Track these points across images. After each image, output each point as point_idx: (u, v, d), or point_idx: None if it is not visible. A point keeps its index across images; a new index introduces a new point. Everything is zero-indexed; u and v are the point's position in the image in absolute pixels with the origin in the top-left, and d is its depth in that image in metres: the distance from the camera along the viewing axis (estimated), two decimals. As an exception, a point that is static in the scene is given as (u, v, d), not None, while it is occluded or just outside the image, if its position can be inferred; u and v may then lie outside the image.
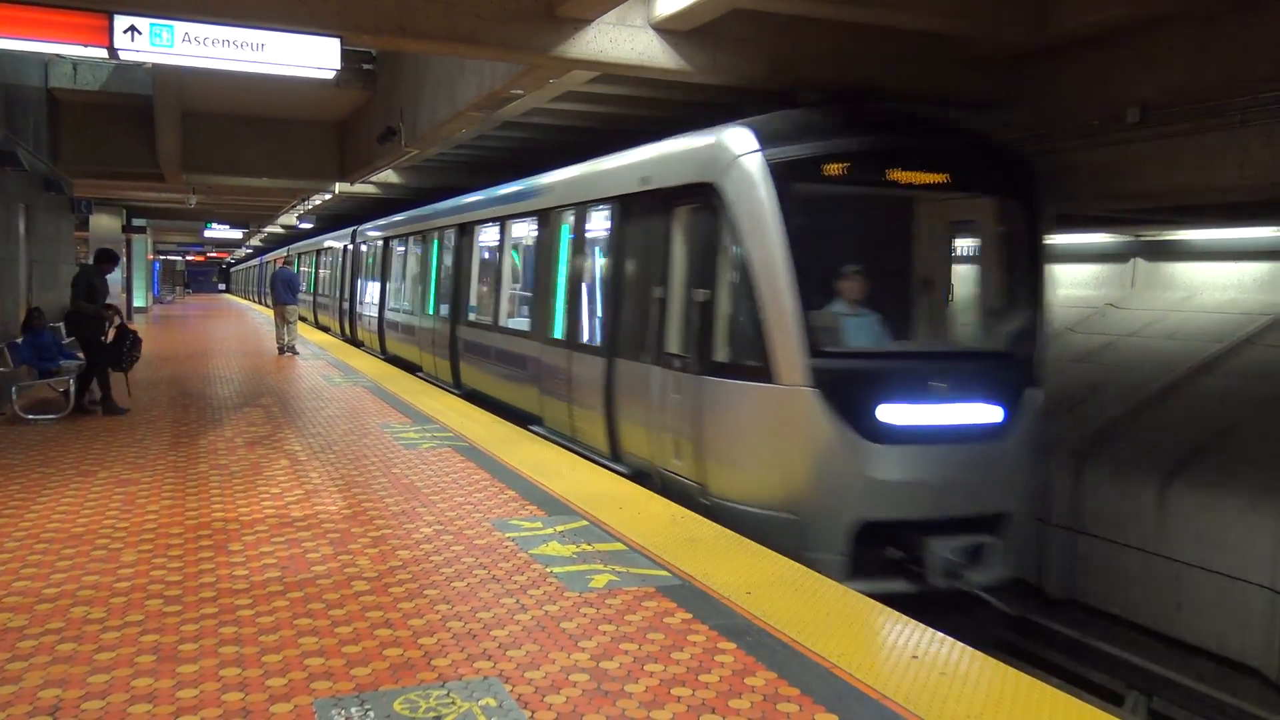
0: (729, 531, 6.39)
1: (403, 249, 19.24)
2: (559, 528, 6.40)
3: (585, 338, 9.97)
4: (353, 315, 23.78)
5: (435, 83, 13.35)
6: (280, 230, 45.16)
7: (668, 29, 8.98)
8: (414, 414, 11.32)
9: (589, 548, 5.95)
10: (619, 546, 5.98)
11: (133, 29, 7.80)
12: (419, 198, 22.87)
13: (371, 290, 21.36)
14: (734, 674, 4.13)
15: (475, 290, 14.24)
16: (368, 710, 3.74)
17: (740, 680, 4.06)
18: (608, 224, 9.68)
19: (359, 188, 23.06)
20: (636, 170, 9.03)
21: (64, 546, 5.90)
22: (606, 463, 8.84)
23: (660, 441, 8.05)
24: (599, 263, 9.97)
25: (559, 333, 10.46)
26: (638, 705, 3.82)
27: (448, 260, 15.33)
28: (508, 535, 6.20)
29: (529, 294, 11.96)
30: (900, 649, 4.38)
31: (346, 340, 23.87)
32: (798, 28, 9.36)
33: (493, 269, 13.33)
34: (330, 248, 28.39)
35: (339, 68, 8.51)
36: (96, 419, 10.80)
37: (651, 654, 4.33)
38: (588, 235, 10.23)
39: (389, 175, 21.52)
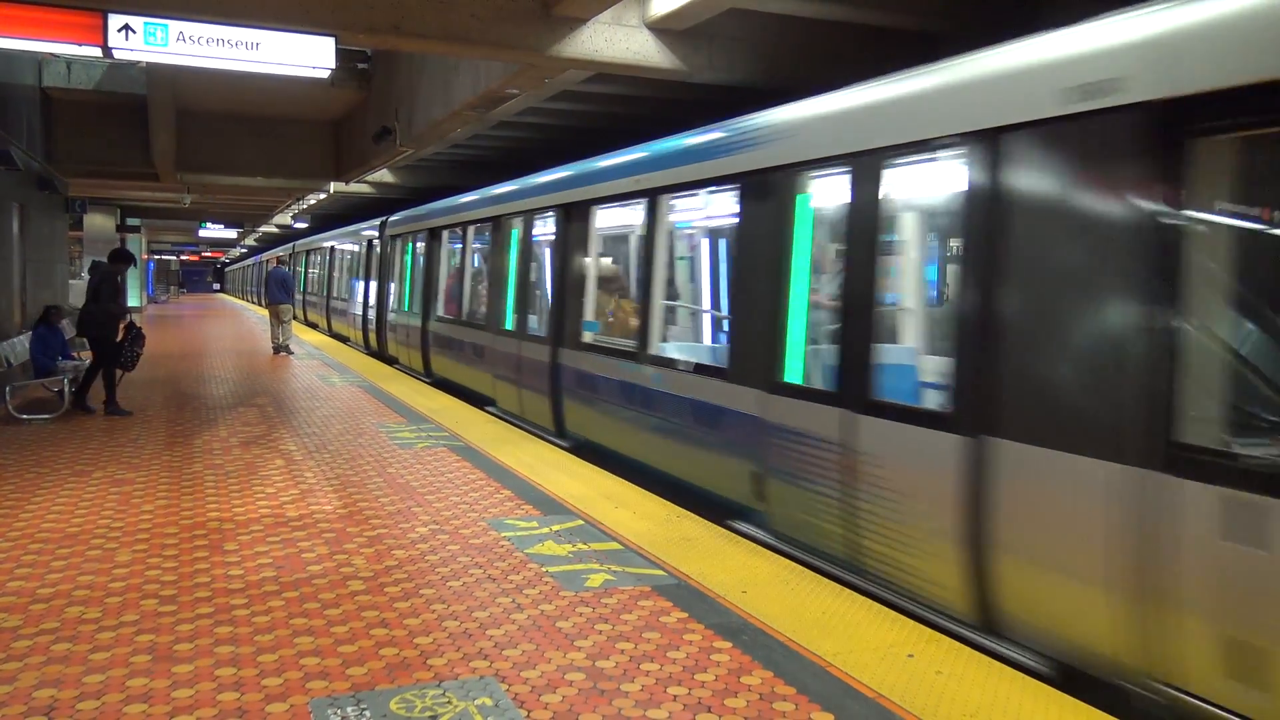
0: (724, 531, 6.38)
1: (459, 243, 15.19)
2: (555, 527, 6.40)
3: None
4: (381, 325, 19.43)
5: (430, 82, 13.34)
6: (275, 230, 45.15)
7: (663, 28, 9.00)
8: (409, 414, 11.31)
9: (585, 547, 5.96)
10: (615, 546, 5.98)
11: (127, 28, 7.80)
12: (414, 197, 22.87)
13: (412, 294, 17.01)
14: (730, 673, 4.13)
15: (594, 298, 9.85)
16: (364, 710, 3.74)
17: (736, 679, 4.07)
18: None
19: (354, 187, 23.07)
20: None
21: (59, 546, 5.88)
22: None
23: None
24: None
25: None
26: (634, 704, 3.82)
27: (543, 256, 11.24)
28: (503, 535, 6.20)
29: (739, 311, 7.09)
30: (896, 647, 4.38)
31: (371, 354, 19.87)
32: (793, 27, 9.39)
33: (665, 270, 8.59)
34: (349, 243, 24.19)
35: (334, 67, 8.52)
36: (92, 419, 10.78)
37: (648, 653, 4.33)
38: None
39: (384, 175, 21.57)
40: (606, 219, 9.66)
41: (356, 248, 22.75)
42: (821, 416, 5.78)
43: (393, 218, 19.22)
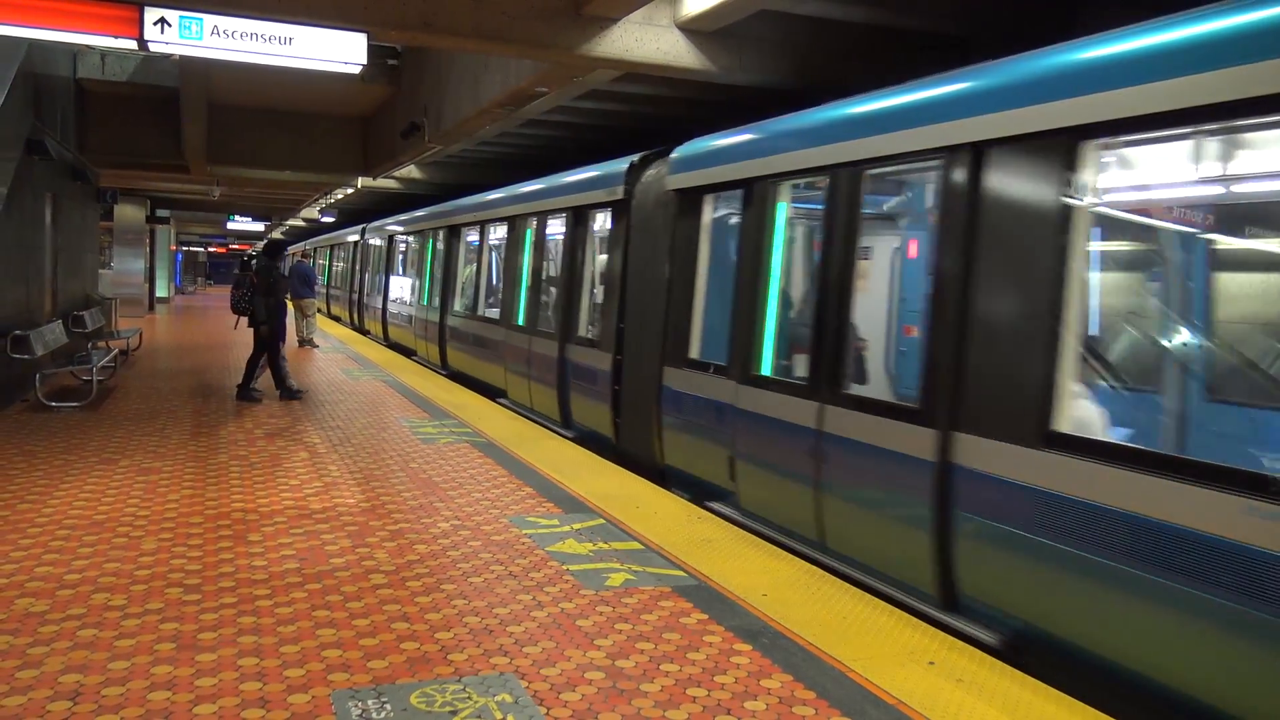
0: (745, 533, 6.38)
1: (493, 237, 14.33)
2: (576, 525, 6.41)
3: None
4: (443, 334, 16.39)
5: (459, 79, 13.39)
6: (302, 223, 45.45)
7: (694, 29, 8.99)
8: (432, 409, 11.36)
9: (605, 546, 5.96)
10: (635, 546, 5.98)
11: (163, 21, 7.88)
12: (442, 194, 22.96)
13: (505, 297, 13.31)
14: (749, 675, 4.12)
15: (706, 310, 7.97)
16: (384, 703, 3.76)
17: (756, 682, 4.06)
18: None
19: (382, 182, 23.17)
20: None
21: (86, 533, 5.95)
22: None
23: None
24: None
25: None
26: (653, 705, 3.82)
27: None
28: (525, 532, 6.21)
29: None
30: (918, 654, 4.36)
31: (442, 372, 16.23)
32: (824, 30, 9.36)
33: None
34: (404, 235, 20.96)
35: (365, 63, 8.56)
36: (119, 405, 10.90)
37: (667, 654, 4.33)
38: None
39: (411, 170, 21.64)
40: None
41: (419, 235, 19.32)
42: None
43: (495, 195, 14.79)
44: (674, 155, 8.49)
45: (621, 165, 9.59)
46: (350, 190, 26.17)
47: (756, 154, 7.18)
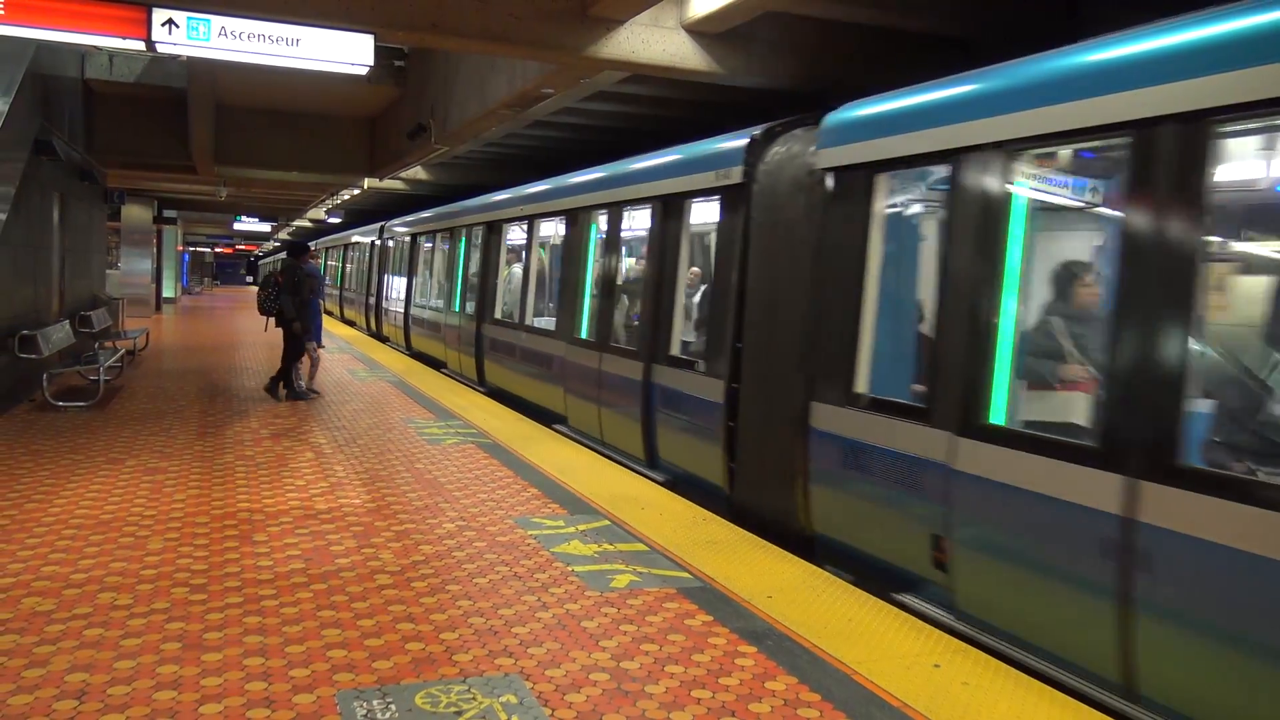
0: (750, 535, 6.37)
1: (545, 235, 12.89)
2: (581, 527, 6.41)
3: None
4: (480, 345, 14.39)
5: (466, 80, 13.40)
6: (308, 224, 45.52)
7: (700, 31, 8.99)
8: (438, 410, 11.37)
9: (610, 547, 5.96)
10: (640, 547, 5.98)
11: (170, 22, 7.89)
12: (448, 195, 22.97)
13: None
14: (754, 678, 4.12)
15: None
16: (389, 703, 3.76)
17: (760, 684, 4.05)
18: None
19: (388, 183, 23.19)
20: None
21: (92, 533, 5.96)
22: None
23: None
24: None
25: None
26: (658, 706, 3.82)
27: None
28: (530, 533, 6.22)
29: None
30: (923, 657, 4.36)
31: (480, 389, 14.03)
32: (830, 31, 9.35)
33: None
34: (431, 233, 18.81)
35: (372, 64, 8.57)
36: (130, 405, 10.92)
37: (672, 655, 4.33)
38: None
39: (418, 171, 21.67)
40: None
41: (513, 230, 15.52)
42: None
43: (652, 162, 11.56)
44: (828, 123, 6.52)
45: (737, 141, 7.60)
46: (357, 191, 26.20)
47: (985, 110, 5.13)
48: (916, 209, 6.42)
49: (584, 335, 10.31)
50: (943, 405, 5.24)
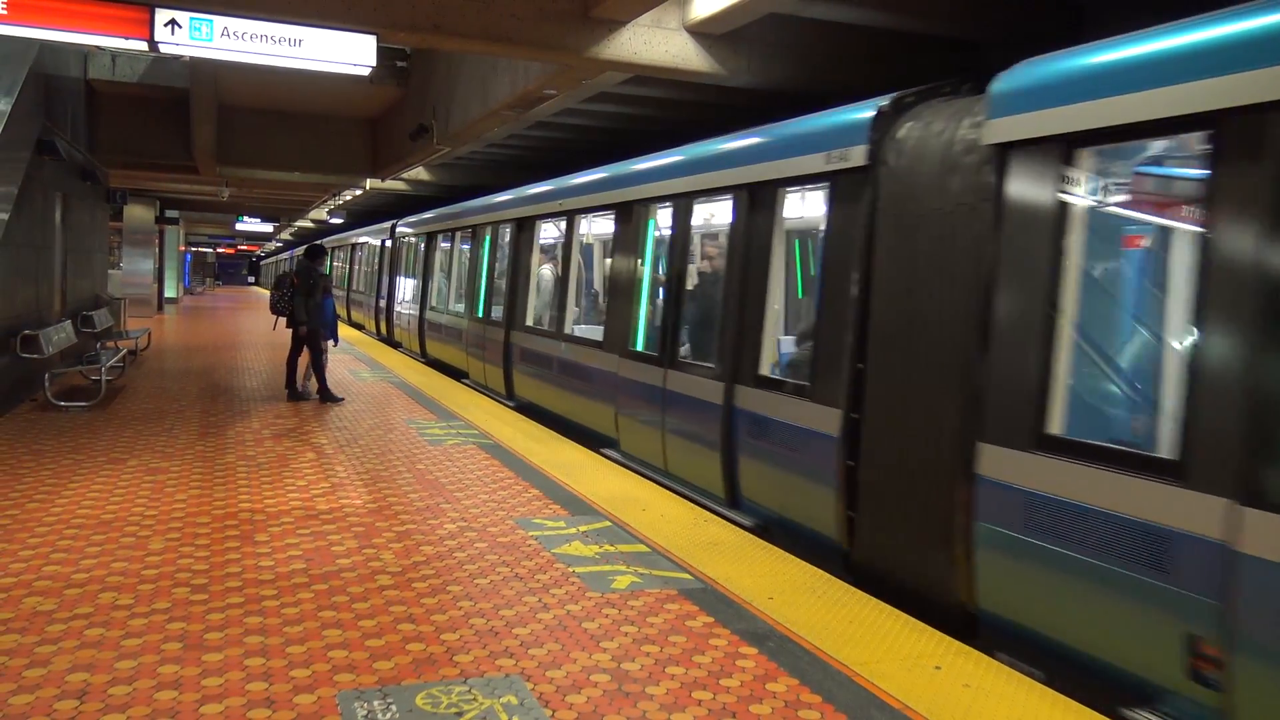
0: (752, 536, 6.37)
1: (588, 232, 12.01)
2: (582, 528, 6.41)
3: None
4: (509, 356, 12.88)
5: (468, 81, 13.41)
6: (310, 225, 45.55)
7: (702, 32, 9.00)
8: (440, 410, 11.37)
9: (611, 548, 5.96)
10: (641, 548, 5.98)
11: (173, 23, 7.91)
12: (450, 196, 22.99)
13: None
14: (755, 679, 4.11)
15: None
16: (390, 704, 3.76)
17: (761, 685, 4.05)
18: None
19: (390, 184, 23.22)
20: None
21: (93, 533, 5.97)
22: None
23: None
24: None
25: None
26: (659, 708, 3.82)
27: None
28: (531, 534, 6.21)
29: None
30: (924, 659, 4.35)
31: (508, 403, 12.69)
32: (832, 33, 9.36)
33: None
34: (450, 232, 17.37)
35: (374, 64, 8.58)
36: (127, 405, 10.93)
37: (673, 656, 4.32)
38: None
39: (420, 172, 21.69)
40: None
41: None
42: None
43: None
44: (1004, 85, 5.11)
45: (858, 114, 6.25)
46: (359, 191, 26.24)
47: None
48: (1154, 191, 5.13)
49: (642, 348, 8.98)
50: (1213, 462, 3.82)
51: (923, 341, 5.49)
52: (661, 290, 8.81)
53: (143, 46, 8.06)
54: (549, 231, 12.73)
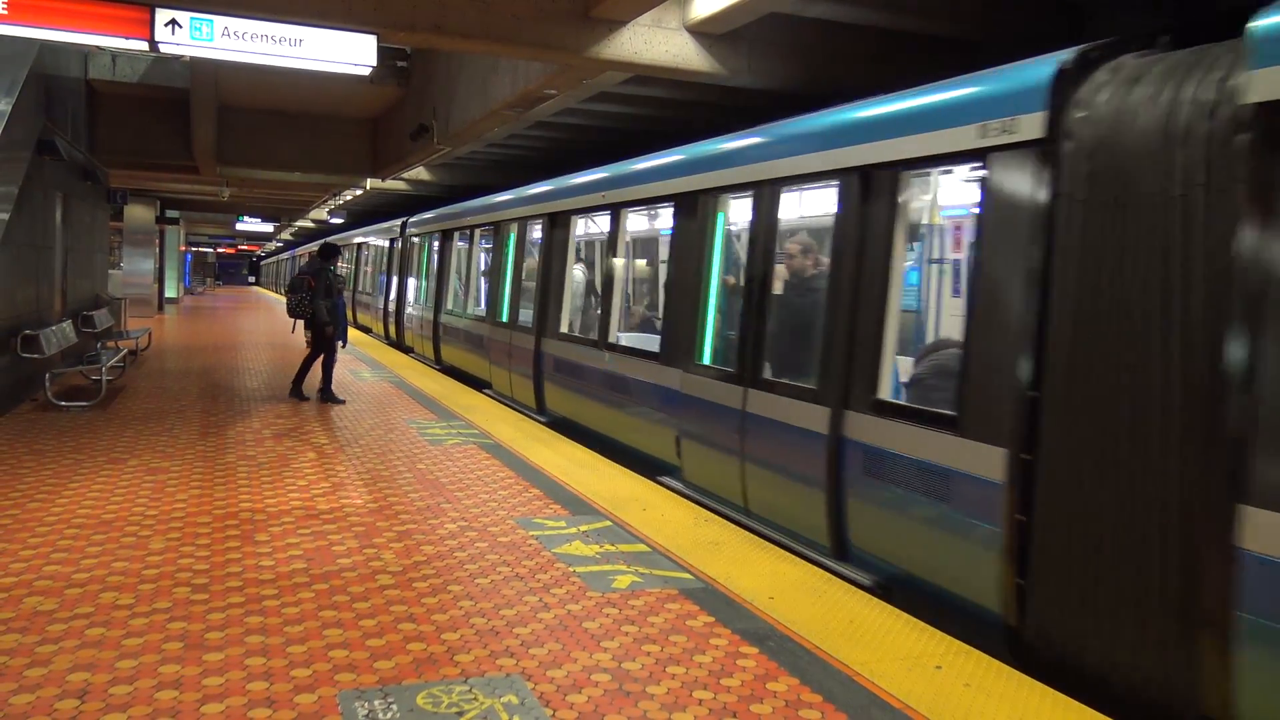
0: (752, 536, 6.36)
1: (638, 227, 11.17)
2: (582, 527, 6.41)
3: None
4: (540, 366, 11.54)
5: (468, 81, 13.42)
6: (310, 224, 45.56)
7: (703, 32, 9.01)
8: (440, 410, 11.37)
9: (612, 548, 5.96)
10: (642, 548, 5.98)
11: (173, 22, 7.92)
12: (450, 196, 22.99)
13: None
14: (756, 679, 4.12)
15: None
16: (390, 703, 3.76)
17: (762, 685, 4.05)
18: None
19: (390, 184, 23.24)
20: None
21: (94, 532, 5.97)
22: None
23: None
24: None
25: None
26: (659, 707, 3.82)
27: None
28: (531, 533, 6.22)
29: None
30: (924, 658, 4.35)
31: (540, 418, 11.38)
32: (833, 33, 9.37)
33: None
34: (470, 229, 15.80)
35: (374, 64, 8.59)
36: (127, 405, 10.93)
37: (673, 656, 4.33)
38: None
39: (420, 172, 21.70)
40: None
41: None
42: None
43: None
44: (1265, 26, 3.87)
45: (1032, 73, 4.99)
46: (359, 191, 26.25)
47: None
48: None
49: (713, 361, 7.74)
50: None
51: (1140, 368, 4.22)
52: (741, 295, 7.36)
53: (143, 46, 8.07)
54: (589, 228, 11.76)
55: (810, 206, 7.55)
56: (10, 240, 10.45)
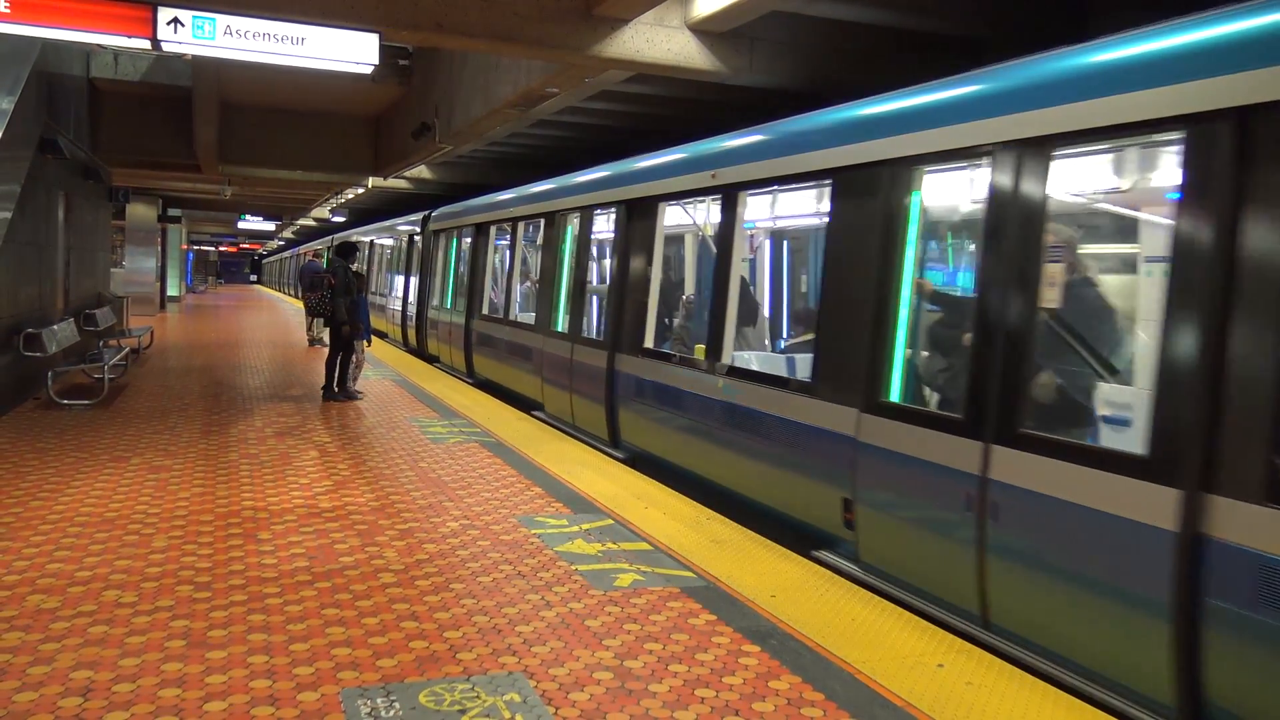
0: (754, 535, 6.36)
1: (751, 219, 8.81)
2: (585, 526, 6.41)
3: None
4: (613, 388, 9.42)
5: (471, 79, 13.41)
6: (312, 223, 45.57)
7: (705, 30, 9.00)
8: (441, 408, 11.38)
9: (614, 546, 5.96)
10: (644, 546, 5.98)
11: (175, 21, 7.92)
12: (452, 194, 22.99)
13: None
14: (758, 677, 4.12)
15: None
16: (393, 701, 3.76)
17: (764, 683, 4.05)
18: None
19: (392, 182, 23.24)
20: None
21: (97, 530, 5.97)
22: None
23: None
24: None
25: None
26: (661, 705, 3.82)
27: None
28: (534, 532, 6.22)
29: None
30: (926, 657, 4.35)
31: (617, 454, 9.26)
32: (835, 31, 9.36)
33: None
34: (512, 222, 13.78)
35: (377, 63, 8.58)
36: (130, 403, 10.94)
37: (675, 654, 4.33)
38: None
39: (422, 171, 21.70)
40: None
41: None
42: None
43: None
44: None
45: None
46: (361, 190, 26.25)
47: None
48: None
49: (913, 401, 5.72)
50: None
51: None
52: (974, 308, 5.00)
53: (145, 45, 8.07)
54: (679, 218, 9.57)
55: (977, 188, 5.27)
56: (13, 239, 10.46)
